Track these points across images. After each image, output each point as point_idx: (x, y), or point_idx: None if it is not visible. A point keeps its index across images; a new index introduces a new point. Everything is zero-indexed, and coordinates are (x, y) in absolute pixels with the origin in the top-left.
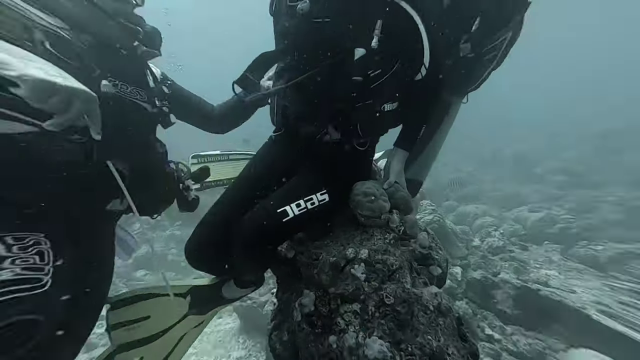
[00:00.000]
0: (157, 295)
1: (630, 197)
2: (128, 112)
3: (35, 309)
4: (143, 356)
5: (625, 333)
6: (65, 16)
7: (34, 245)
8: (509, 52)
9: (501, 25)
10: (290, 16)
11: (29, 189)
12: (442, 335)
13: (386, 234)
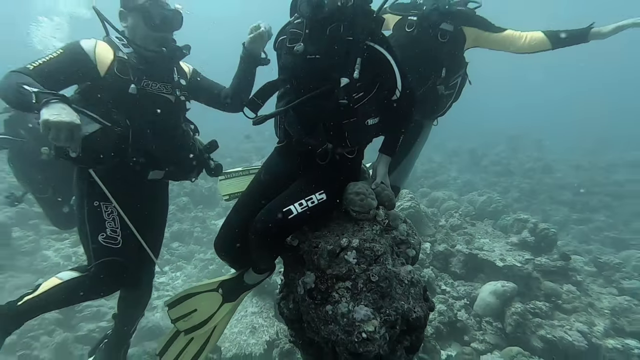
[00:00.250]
0: (199, 293)
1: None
2: (156, 102)
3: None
4: (193, 337)
5: (509, 268)
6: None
7: (112, 212)
8: (462, 91)
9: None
10: (289, 53)
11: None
12: (412, 300)
13: (374, 226)
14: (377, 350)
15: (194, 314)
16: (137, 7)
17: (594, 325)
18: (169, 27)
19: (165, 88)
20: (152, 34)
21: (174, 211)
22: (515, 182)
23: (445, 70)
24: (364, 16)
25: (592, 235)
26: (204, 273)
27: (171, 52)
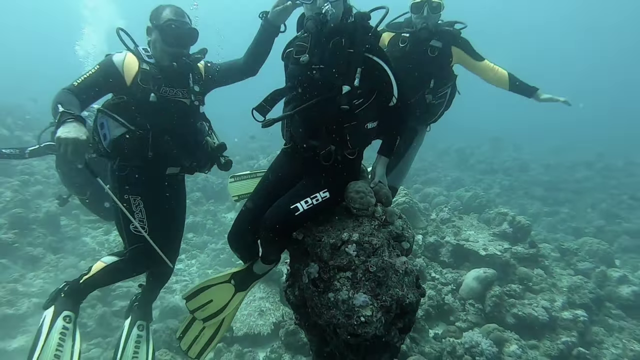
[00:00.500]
0: (213, 285)
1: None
2: (173, 106)
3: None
4: (205, 326)
5: (491, 257)
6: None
7: (139, 204)
8: (452, 101)
9: (445, 83)
10: (295, 64)
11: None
12: (406, 288)
13: (372, 222)
14: (373, 331)
15: (210, 304)
16: (158, 25)
17: (554, 302)
18: (183, 44)
19: (182, 93)
20: (167, 49)
21: (189, 205)
22: (497, 179)
23: (433, 81)
24: (363, 31)
25: (558, 225)
26: (215, 261)
27: (181, 67)
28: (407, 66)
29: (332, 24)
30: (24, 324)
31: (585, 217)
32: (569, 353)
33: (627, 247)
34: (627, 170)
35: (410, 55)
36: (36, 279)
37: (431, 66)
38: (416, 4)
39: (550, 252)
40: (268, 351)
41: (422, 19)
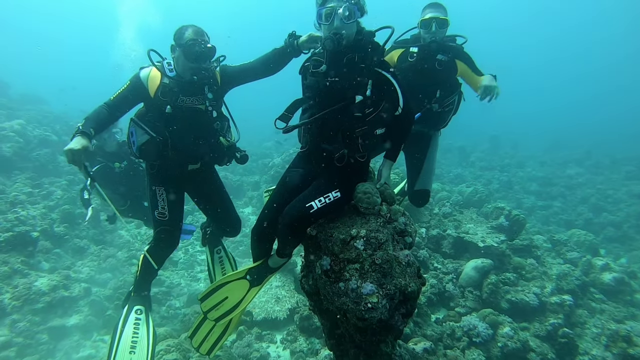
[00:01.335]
0: (228, 282)
1: (504, 176)
2: (189, 113)
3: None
4: (216, 325)
5: (488, 248)
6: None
7: (162, 194)
8: (459, 107)
9: (451, 93)
10: (313, 76)
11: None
12: (408, 277)
13: (378, 219)
14: (379, 316)
15: (225, 301)
16: (181, 44)
17: (544, 288)
18: (203, 60)
19: (197, 100)
20: (189, 64)
21: None
22: (496, 175)
23: (439, 92)
24: (373, 48)
25: (551, 218)
26: (235, 252)
27: (201, 80)
28: (416, 78)
29: (346, 42)
30: (77, 305)
31: (576, 210)
32: (555, 333)
33: (611, 238)
34: (613, 167)
35: (419, 68)
36: (84, 267)
37: (437, 78)
38: (425, 20)
39: (543, 243)
40: (284, 334)
41: (431, 34)
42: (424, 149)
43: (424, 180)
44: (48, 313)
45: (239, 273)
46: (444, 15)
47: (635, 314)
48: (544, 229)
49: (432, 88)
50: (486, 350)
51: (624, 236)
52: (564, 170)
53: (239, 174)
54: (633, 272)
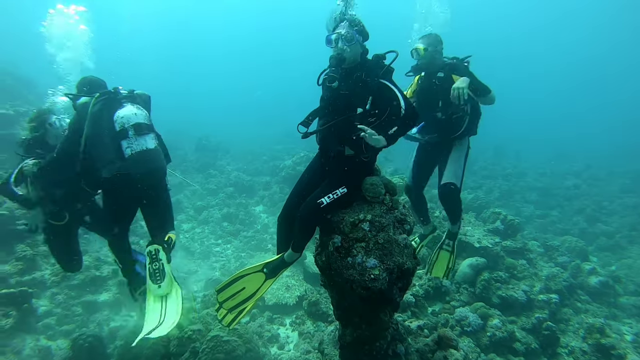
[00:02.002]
0: (246, 275)
1: (505, 185)
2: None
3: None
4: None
5: (484, 249)
6: None
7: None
8: (477, 115)
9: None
10: (327, 89)
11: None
12: (405, 257)
13: (382, 207)
14: (380, 286)
15: (242, 291)
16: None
17: (533, 287)
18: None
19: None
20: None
21: (223, 198)
22: (497, 184)
23: (441, 102)
24: (379, 67)
25: (548, 227)
26: (247, 246)
27: None
28: (422, 94)
29: (348, 60)
30: (106, 284)
31: (572, 220)
32: (539, 326)
33: (603, 247)
34: (609, 179)
35: (424, 87)
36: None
37: (437, 92)
38: (410, 52)
39: (537, 247)
40: (293, 317)
41: (417, 60)
42: (447, 154)
43: (449, 175)
44: (82, 289)
45: (256, 267)
46: (424, 46)
47: (617, 314)
48: (540, 237)
49: (434, 100)
50: (476, 339)
51: (616, 245)
52: (563, 181)
53: (250, 175)
54: (618, 277)
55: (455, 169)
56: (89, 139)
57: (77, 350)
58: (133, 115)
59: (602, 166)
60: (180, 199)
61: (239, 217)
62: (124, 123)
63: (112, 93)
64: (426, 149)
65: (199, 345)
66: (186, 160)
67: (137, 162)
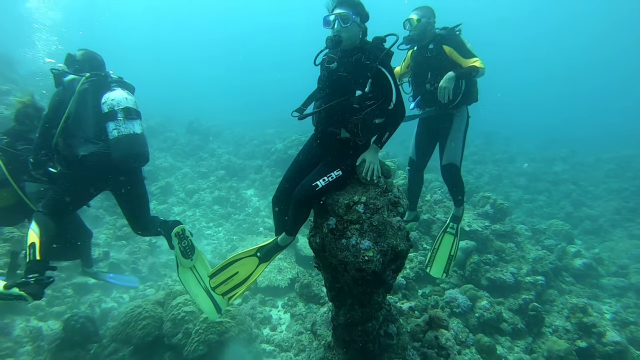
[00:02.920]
0: (240, 259)
1: (495, 170)
2: None
3: None
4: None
5: (474, 232)
6: None
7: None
8: (472, 89)
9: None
10: (325, 70)
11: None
12: (399, 239)
13: (376, 189)
14: (373, 268)
15: (235, 276)
16: None
17: (521, 270)
18: None
19: None
20: None
21: (214, 181)
22: (487, 169)
23: (430, 74)
24: (379, 50)
25: (536, 211)
26: (239, 229)
27: None
28: (415, 67)
29: (345, 42)
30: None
31: (559, 204)
32: (526, 307)
33: (588, 230)
34: (596, 165)
35: (417, 59)
36: (100, 234)
37: (429, 64)
38: (403, 23)
39: (524, 231)
40: (286, 299)
41: (409, 31)
42: (447, 129)
43: (449, 155)
44: (72, 271)
45: (250, 251)
46: (417, 17)
47: (598, 294)
48: (528, 221)
49: (424, 72)
50: (465, 319)
51: (599, 229)
52: (551, 166)
53: (241, 158)
54: (601, 259)
55: (455, 148)
56: (71, 116)
57: (69, 331)
58: (123, 99)
59: (591, 152)
60: (171, 182)
61: (230, 200)
62: (114, 105)
63: (102, 76)
64: (425, 122)
65: (192, 326)
66: (177, 143)
67: (122, 144)
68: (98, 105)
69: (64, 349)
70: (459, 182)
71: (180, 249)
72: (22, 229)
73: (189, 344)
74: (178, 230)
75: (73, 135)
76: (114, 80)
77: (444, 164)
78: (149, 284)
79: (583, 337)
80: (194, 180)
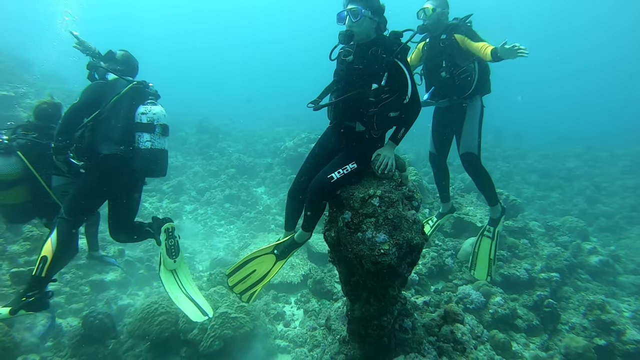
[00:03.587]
0: (257, 257)
1: (506, 166)
2: None
3: None
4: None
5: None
6: None
7: None
8: (485, 78)
9: (459, 64)
10: (341, 63)
11: None
12: (414, 233)
13: (391, 183)
14: (389, 261)
15: (252, 274)
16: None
17: (535, 266)
18: None
19: None
20: None
21: (225, 180)
22: (498, 165)
23: (444, 62)
24: (396, 44)
25: (548, 208)
26: (250, 227)
27: None
28: (428, 57)
29: (357, 36)
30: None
31: (572, 201)
32: (541, 304)
33: (603, 227)
34: (611, 161)
35: (430, 50)
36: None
37: (441, 53)
38: (417, 12)
39: (537, 228)
40: (298, 296)
41: (424, 21)
42: (461, 119)
43: (465, 144)
44: (89, 269)
45: (266, 248)
46: (433, 6)
47: (616, 292)
48: (540, 217)
49: (438, 61)
50: (479, 315)
51: (615, 226)
52: (564, 163)
53: (251, 156)
54: (617, 256)
55: (471, 137)
56: (105, 112)
57: (88, 327)
58: (162, 116)
59: (604, 148)
60: (183, 180)
61: (241, 198)
62: (154, 119)
63: (143, 86)
64: (440, 114)
65: (207, 321)
66: (187, 143)
67: (152, 156)
68: (132, 112)
69: (83, 344)
70: (482, 173)
71: (167, 246)
72: (40, 227)
73: (204, 339)
74: (168, 226)
75: (99, 131)
76: (152, 93)
77: (462, 153)
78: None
79: (601, 335)
80: (205, 178)
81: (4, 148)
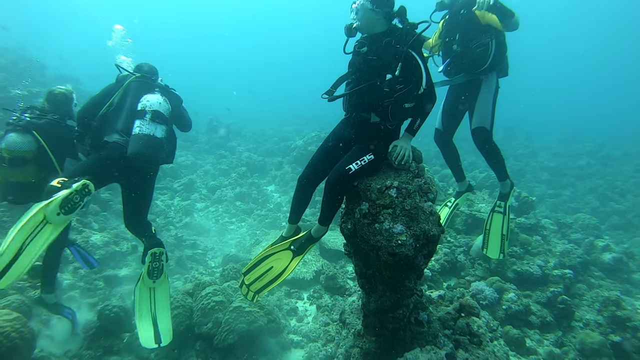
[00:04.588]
0: (274, 253)
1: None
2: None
3: None
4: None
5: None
6: None
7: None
8: (502, 54)
9: (475, 37)
10: (356, 55)
11: None
12: (430, 224)
13: (408, 174)
14: (406, 252)
15: (270, 271)
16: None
17: (548, 263)
18: None
19: None
20: None
21: (236, 178)
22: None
23: (458, 35)
24: (410, 35)
25: (560, 206)
26: (261, 224)
27: None
28: (445, 33)
29: (360, 29)
30: (126, 259)
31: (584, 199)
32: (555, 300)
33: (616, 225)
34: (624, 159)
35: (448, 25)
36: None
37: (459, 27)
38: None
39: (550, 225)
40: (311, 291)
41: None
42: (475, 94)
43: (478, 118)
44: (103, 264)
45: (283, 244)
46: None
47: (630, 290)
48: (552, 215)
49: (453, 34)
50: (492, 312)
51: (628, 224)
52: (576, 161)
53: (261, 155)
54: (631, 253)
55: (484, 111)
56: (113, 105)
57: (104, 320)
58: (157, 103)
59: (618, 146)
60: (194, 179)
61: (252, 196)
62: (146, 106)
63: (149, 78)
64: (454, 90)
65: (221, 315)
66: (197, 141)
67: (137, 141)
68: (135, 103)
69: (99, 337)
70: (494, 149)
71: (149, 268)
72: None
73: (219, 333)
74: (156, 251)
75: (107, 122)
76: (158, 85)
77: (474, 127)
78: (177, 276)
79: (617, 331)
80: (216, 177)
81: (22, 126)
